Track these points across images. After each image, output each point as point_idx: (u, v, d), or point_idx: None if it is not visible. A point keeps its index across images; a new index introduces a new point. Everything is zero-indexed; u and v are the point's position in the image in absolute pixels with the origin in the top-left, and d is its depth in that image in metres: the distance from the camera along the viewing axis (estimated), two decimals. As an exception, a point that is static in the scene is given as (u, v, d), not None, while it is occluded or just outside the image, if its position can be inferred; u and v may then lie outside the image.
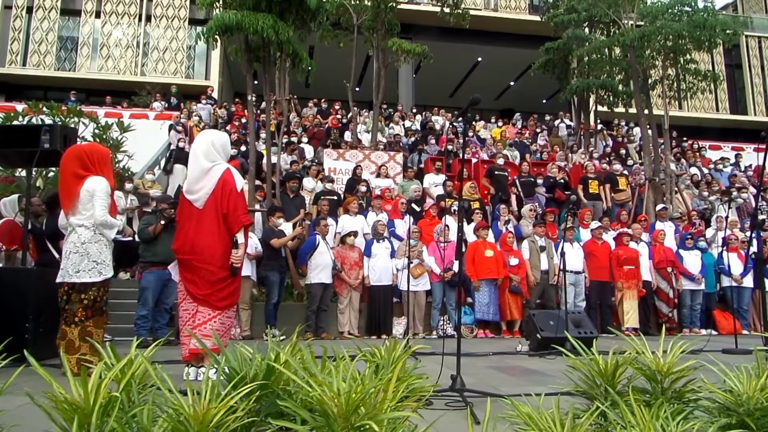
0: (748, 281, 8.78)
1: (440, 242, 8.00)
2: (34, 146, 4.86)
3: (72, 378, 1.40)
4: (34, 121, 7.84)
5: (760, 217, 9.27)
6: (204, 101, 15.05)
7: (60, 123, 7.64)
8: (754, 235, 6.75)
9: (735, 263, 8.72)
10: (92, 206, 4.06)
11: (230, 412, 1.31)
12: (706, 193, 11.89)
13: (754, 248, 6.90)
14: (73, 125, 7.90)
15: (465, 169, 10.62)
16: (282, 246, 7.50)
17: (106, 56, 19.92)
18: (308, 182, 10.22)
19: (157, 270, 6.35)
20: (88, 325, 4.10)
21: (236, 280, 4.04)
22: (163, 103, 15.69)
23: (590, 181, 10.75)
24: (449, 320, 7.83)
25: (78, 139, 6.22)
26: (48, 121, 7.82)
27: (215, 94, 18.19)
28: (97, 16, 20.11)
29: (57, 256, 5.37)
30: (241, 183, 4.10)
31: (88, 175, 4.12)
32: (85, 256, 4.08)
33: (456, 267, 7.00)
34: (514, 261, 8.13)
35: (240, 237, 3.94)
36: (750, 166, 14.44)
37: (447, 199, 9.52)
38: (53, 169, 7.49)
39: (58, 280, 4.13)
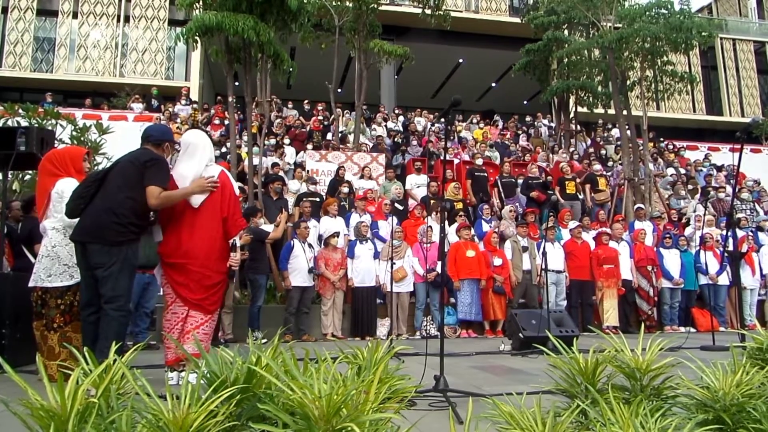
0: (724, 279, 8.97)
1: (423, 243, 8.02)
2: (10, 149, 4.77)
3: (48, 384, 1.37)
4: (9, 123, 7.69)
5: (737, 215, 9.45)
6: (183, 102, 14.92)
7: (36, 125, 7.50)
8: (730, 233, 6.88)
9: (711, 262, 8.88)
10: (62, 208, 3.96)
11: (210, 417, 1.30)
12: (683, 193, 12.09)
13: (729, 246, 7.04)
14: (50, 127, 7.76)
15: (447, 170, 10.69)
16: (275, 239, 7.50)
17: (84, 57, 19.61)
18: (293, 184, 10.17)
19: (136, 273, 6.26)
20: (67, 331, 4.05)
21: (225, 283, 4.05)
22: (142, 104, 15.51)
23: (567, 182, 10.87)
24: (433, 321, 7.85)
25: (56, 141, 6.12)
26: (24, 123, 7.68)
27: (195, 96, 18.03)
28: (75, 16, 19.79)
29: (33, 260, 5.27)
30: (236, 186, 4.11)
31: (60, 175, 4.10)
32: (56, 259, 4.03)
33: (439, 267, 7.02)
34: (497, 261, 8.18)
35: (237, 240, 3.94)
36: (723, 165, 14.73)
37: (432, 201, 9.55)
38: (30, 172, 7.36)
39: (30, 284, 4.08)
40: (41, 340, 4.06)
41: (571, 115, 15.57)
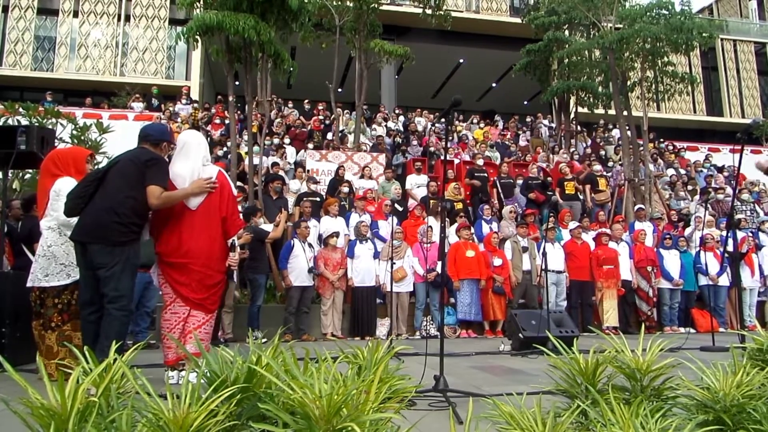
0: (724, 280, 8.97)
1: (423, 243, 8.02)
2: (10, 147, 4.77)
3: (49, 383, 1.37)
4: (10, 122, 7.69)
5: (737, 216, 9.44)
6: (184, 101, 14.93)
7: (37, 124, 7.50)
8: (729, 234, 6.88)
9: (711, 262, 8.88)
10: (59, 207, 3.94)
11: (211, 416, 1.30)
12: (683, 193, 12.11)
13: (729, 247, 7.03)
14: (50, 126, 7.76)
15: (449, 170, 10.69)
16: (275, 238, 7.51)
17: (85, 56, 19.62)
18: (294, 184, 10.17)
19: (137, 272, 6.26)
20: (65, 330, 4.04)
21: (225, 282, 4.07)
22: (143, 103, 15.51)
23: (566, 182, 10.87)
24: (432, 321, 7.85)
25: (56, 141, 6.12)
26: (24, 122, 7.68)
27: (196, 95, 18.04)
28: (75, 15, 19.80)
29: (33, 258, 5.28)
30: (233, 186, 4.12)
31: (60, 175, 4.10)
32: (52, 259, 4.02)
33: (439, 268, 7.02)
34: (497, 261, 8.18)
35: (236, 240, 3.95)
36: (724, 166, 14.73)
37: (431, 200, 9.54)
38: (30, 171, 7.35)
39: (28, 284, 4.08)
40: (39, 340, 4.05)
41: (572, 115, 15.57)
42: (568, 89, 14.51)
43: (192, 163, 3.88)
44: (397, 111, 16.84)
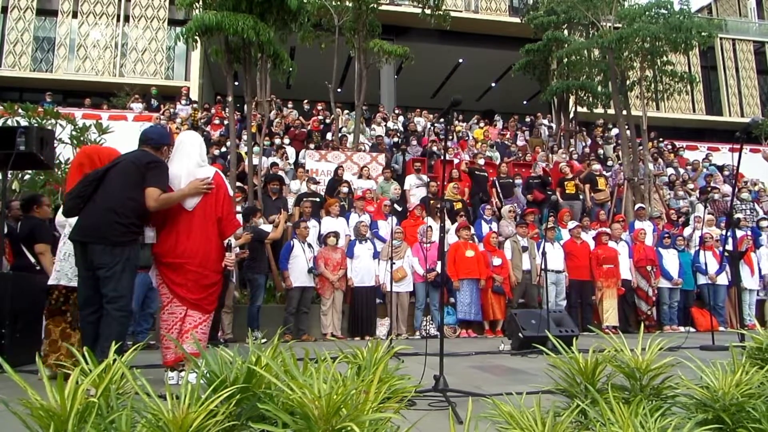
0: (723, 279, 8.98)
1: (423, 243, 8.02)
2: (10, 148, 4.77)
3: (48, 384, 1.37)
4: (9, 123, 7.68)
5: (736, 215, 9.44)
6: (183, 101, 14.91)
7: (36, 125, 7.49)
8: (729, 233, 6.88)
9: (711, 261, 8.88)
10: None
11: (210, 416, 1.30)
12: (681, 193, 12.11)
13: (729, 246, 7.04)
14: (50, 127, 7.76)
15: (453, 170, 10.68)
16: (275, 239, 7.51)
17: (84, 57, 19.60)
18: (294, 184, 10.16)
19: (140, 273, 6.26)
20: None
21: (222, 282, 4.07)
22: (142, 104, 15.51)
23: (566, 182, 10.88)
24: (432, 320, 7.85)
25: (55, 141, 6.12)
26: (24, 123, 7.67)
27: (195, 96, 18.02)
28: (74, 16, 19.77)
29: (32, 259, 5.27)
30: (230, 187, 4.12)
31: None
32: None
33: (438, 267, 7.01)
34: (497, 261, 8.18)
35: (232, 240, 3.95)
36: (724, 165, 14.73)
37: (431, 201, 9.54)
38: (29, 171, 7.35)
39: (52, 281, 4.05)
40: (60, 337, 4.03)
41: (571, 115, 15.57)
42: (568, 89, 14.50)
43: (188, 163, 3.88)
44: (396, 111, 16.83)
